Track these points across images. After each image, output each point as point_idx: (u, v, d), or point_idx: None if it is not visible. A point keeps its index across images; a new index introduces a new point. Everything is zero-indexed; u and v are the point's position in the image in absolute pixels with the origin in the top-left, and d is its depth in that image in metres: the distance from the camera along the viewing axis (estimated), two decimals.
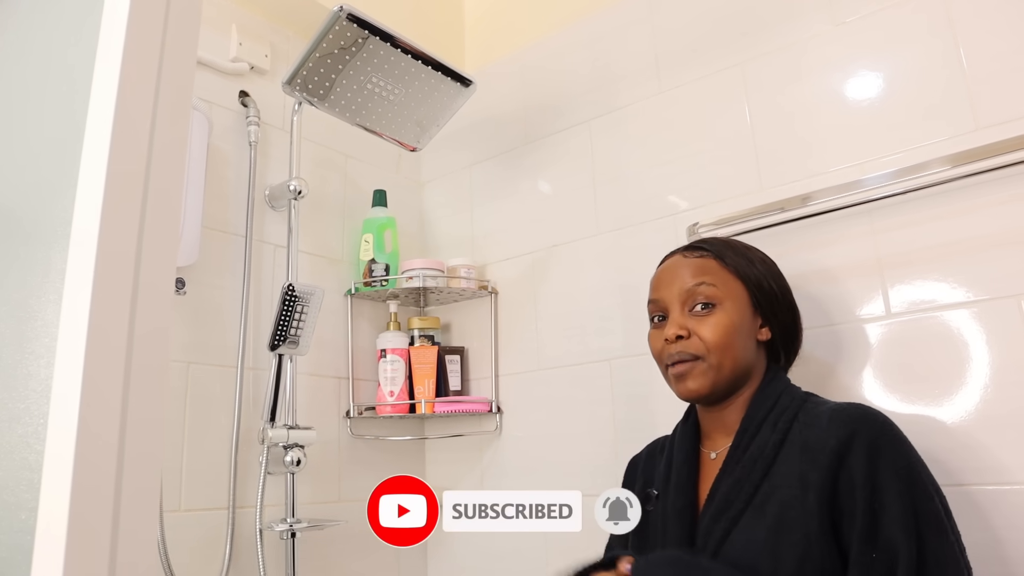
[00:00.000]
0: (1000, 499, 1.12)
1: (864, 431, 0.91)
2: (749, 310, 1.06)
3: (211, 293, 1.49)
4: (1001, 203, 1.19)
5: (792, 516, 0.91)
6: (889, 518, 0.87)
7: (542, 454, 1.69)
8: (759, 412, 1.02)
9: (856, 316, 1.29)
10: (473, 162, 1.97)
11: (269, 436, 1.43)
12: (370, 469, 1.76)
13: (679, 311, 1.07)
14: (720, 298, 1.05)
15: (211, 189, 1.51)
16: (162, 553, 1.26)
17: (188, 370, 1.43)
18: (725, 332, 1.03)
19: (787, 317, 1.08)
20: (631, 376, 1.57)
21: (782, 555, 0.90)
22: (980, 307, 1.19)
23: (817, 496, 0.90)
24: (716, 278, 1.07)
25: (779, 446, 0.97)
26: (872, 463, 0.89)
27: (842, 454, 0.91)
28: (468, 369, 1.87)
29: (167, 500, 1.32)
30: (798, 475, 0.93)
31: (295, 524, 1.47)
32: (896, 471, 0.89)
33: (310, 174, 1.71)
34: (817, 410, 0.98)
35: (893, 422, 0.95)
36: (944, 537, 0.87)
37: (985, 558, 1.10)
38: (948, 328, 1.21)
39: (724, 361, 1.03)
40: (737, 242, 1.14)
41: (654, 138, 1.63)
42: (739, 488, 0.97)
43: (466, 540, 1.78)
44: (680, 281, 1.08)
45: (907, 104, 1.30)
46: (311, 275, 1.69)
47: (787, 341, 1.09)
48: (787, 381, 1.06)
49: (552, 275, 1.75)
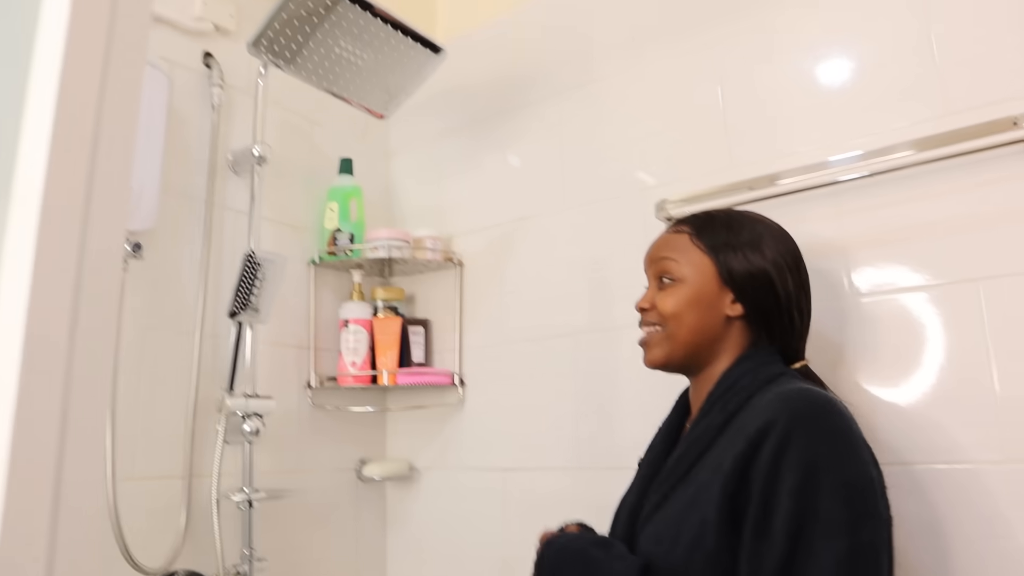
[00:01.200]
0: (943, 478, 1.15)
1: (784, 420, 0.87)
2: (713, 283, 1.06)
3: (170, 258, 1.46)
4: (967, 189, 1.20)
5: (701, 499, 0.91)
6: (778, 514, 0.84)
7: (504, 427, 1.69)
8: (718, 391, 1.02)
9: (818, 296, 1.30)
10: (442, 132, 1.94)
11: (227, 405, 1.41)
12: (331, 440, 1.74)
13: (652, 284, 1.13)
14: (681, 273, 1.07)
15: (171, 152, 1.46)
16: (115, 522, 1.24)
17: (144, 336, 1.39)
18: (678, 304, 1.06)
19: (763, 294, 1.05)
20: (595, 352, 1.57)
21: (682, 536, 0.90)
22: (941, 291, 1.20)
23: (723, 483, 0.89)
24: (681, 254, 1.09)
25: (721, 428, 0.98)
26: (780, 452, 0.86)
27: (757, 442, 0.88)
28: (432, 341, 1.86)
29: (121, 468, 1.30)
30: (719, 460, 0.93)
31: (253, 494, 1.46)
32: (799, 465, 0.84)
33: (275, 140, 1.67)
34: (770, 394, 0.95)
35: (832, 411, 0.90)
36: (829, 541, 0.82)
37: (923, 534, 1.15)
38: (909, 310, 1.22)
39: (678, 332, 1.06)
40: (731, 216, 1.11)
41: (626, 113, 1.62)
42: (678, 464, 1.00)
43: (424, 512, 1.79)
44: (653, 256, 1.13)
45: (879, 87, 1.31)
46: (274, 243, 1.66)
47: (763, 318, 1.07)
48: (762, 360, 1.04)
49: (519, 249, 1.74)
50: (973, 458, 1.14)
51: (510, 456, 1.67)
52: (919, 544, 1.15)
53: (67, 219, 0.49)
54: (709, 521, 0.88)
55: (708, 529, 0.88)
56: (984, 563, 1.10)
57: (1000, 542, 1.10)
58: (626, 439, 1.43)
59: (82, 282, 0.49)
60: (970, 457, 1.14)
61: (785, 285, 1.07)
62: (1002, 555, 1.09)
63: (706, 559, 0.87)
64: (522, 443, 1.65)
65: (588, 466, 1.54)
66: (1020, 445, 1.10)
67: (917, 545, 1.15)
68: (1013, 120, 1.11)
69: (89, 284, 0.50)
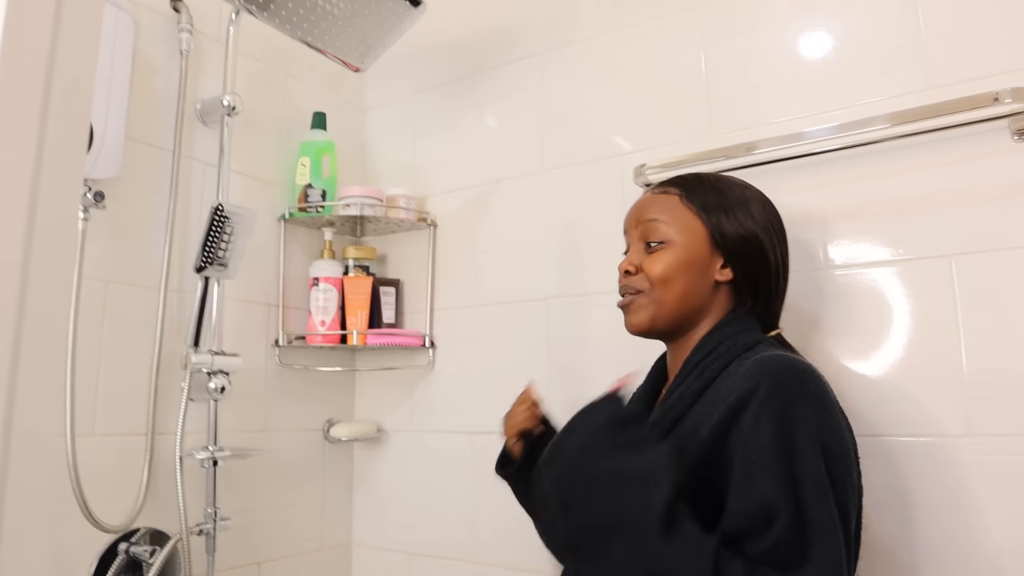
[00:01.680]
0: (912, 450, 1.17)
1: (766, 384, 0.86)
2: (705, 248, 1.03)
3: (134, 209, 1.41)
4: (945, 164, 1.20)
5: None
6: (758, 480, 0.82)
7: (474, 391, 1.68)
8: (697, 356, 1.00)
9: (794, 267, 1.30)
10: (419, 90, 1.90)
11: (192, 361, 1.38)
12: (298, 399, 1.72)
13: (636, 246, 1.08)
14: (671, 236, 1.03)
15: (137, 99, 1.41)
16: (73, 479, 1.21)
17: (106, 289, 1.35)
18: (668, 267, 1.02)
19: (755, 258, 1.04)
20: (567, 317, 1.56)
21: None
22: (914, 265, 1.21)
23: (700, 450, 0.88)
24: (670, 216, 1.05)
25: (697, 395, 0.97)
26: (761, 418, 0.84)
27: (737, 409, 0.87)
28: (403, 302, 1.83)
29: (80, 424, 1.27)
30: (695, 425, 0.92)
31: (217, 452, 1.44)
32: (779, 429, 0.83)
33: (246, 90, 1.62)
34: (748, 361, 0.94)
35: (812, 377, 0.89)
36: (814, 506, 0.80)
37: (891, 504, 1.16)
38: (881, 284, 1.23)
39: (666, 296, 1.02)
40: (719, 179, 1.09)
41: (607, 76, 1.59)
42: (653, 431, 0.98)
43: (392, 475, 1.78)
44: (639, 217, 1.08)
45: (862, 59, 1.30)
46: (243, 197, 1.62)
47: (752, 283, 1.06)
48: (741, 327, 1.02)
49: (493, 211, 1.71)
50: (940, 431, 1.15)
51: (479, 420, 1.66)
52: (886, 513, 1.17)
53: (17, 159, 0.46)
54: (684, 487, 0.87)
55: (678, 496, 0.87)
56: (947, 533, 1.12)
57: (964, 515, 1.12)
58: None
59: (34, 229, 0.46)
60: (938, 430, 1.15)
61: (774, 249, 1.05)
62: (965, 526, 1.11)
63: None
64: (492, 407, 1.64)
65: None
66: (985, 419, 1.12)
67: (884, 514, 1.17)
68: (994, 96, 1.10)
69: (42, 231, 0.47)
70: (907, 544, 1.15)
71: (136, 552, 1.33)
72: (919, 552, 1.14)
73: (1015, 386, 1.11)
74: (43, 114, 0.47)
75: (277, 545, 1.63)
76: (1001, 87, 1.10)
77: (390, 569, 1.75)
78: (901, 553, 1.16)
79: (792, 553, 0.79)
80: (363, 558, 1.80)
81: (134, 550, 1.33)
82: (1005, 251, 1.14)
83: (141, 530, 1.36)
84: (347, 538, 1.81)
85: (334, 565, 1.77)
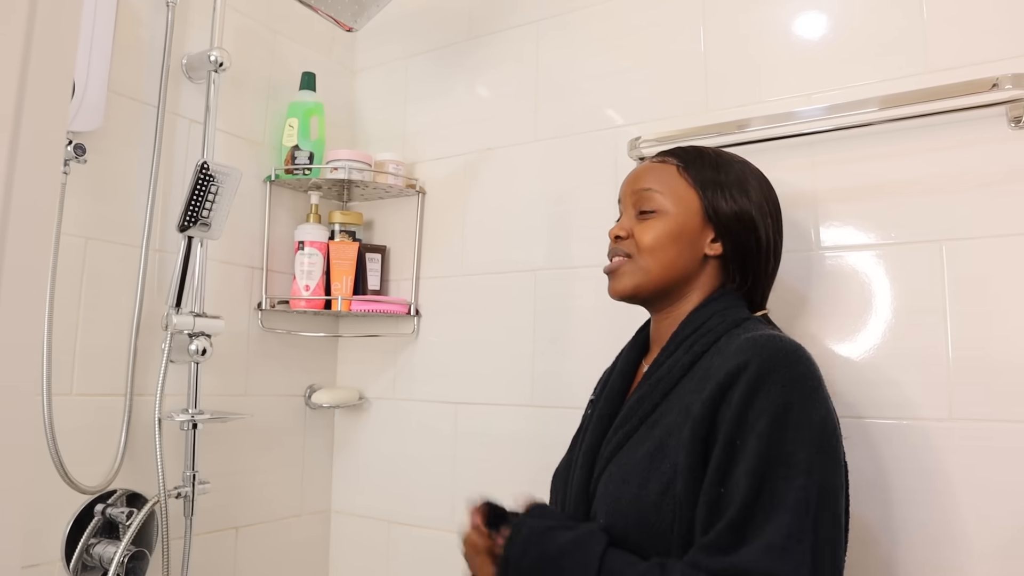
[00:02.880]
0: (892, 432, 1.18)
1: (756, 363, 0.86)
2: (697, 220, 1.03)
3: (116, 164, 1.38)
4: (941, 149, 1.19)
5: (670, 444, 0.90)
6: (743, 455, 0.83)
7: (458, 361, 1.67)
8: (685, 330, 1.00)
9: (786, 247, 1.30)
10: (411, 54, 1.86)
11: (173, 322, 1.36)
12: (280, 364, 1.70)
13: (629, 213, 1.08)
14: (664, 206, 1.03)
15: (121, 51, 1.37)
16: (49, 438, 1.19)
17: (86, 246, 1.32)
18: (658, 236, 1.02)
19: (746, 236, 1.03)
20: (554, 288, 1.55)
21: (651, 480, 0.89)
22: (905, 249, 1.20)
23: (692, 428, 0.87)
24: (666, 186, 1.05)
25: (686, 369, 0.97)
26: (749, 396, 0.85)
27: (727, 386, 0.87)
28: (388, 269, 1.81)
29: (57, 383, 1.24)
30: (687, 403, 0.92)
31: (197, 415, 1.42)
32: (767, 408, 0.83)
33: (234, 47, 1.57)
34: (739, 338, 0.94)
35: (801, 357, 0.89)
36: (792, 480, 0.81)
37: (869, 486, 1.18)
38: (872, 267, 1.23)
39: (652, 265, 1.02)
40: (719, 154, 1.08)
41: (604, 47, 1.56)
42: (640, 404, 0.98)
43: (373, 442, 1.77)
44: (635, 185, 1.08)
45: (863, 40, 1.28)
46: (228, 156, 1.58)
47: (742, 260, 1.05)
48: (730, 303, 1.02)
49: (483, 179, 1.69)
50: (923, 415, 1.16)
51: (463, 390, 1.65)
52: (864, 495, 1.17)
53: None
54: (680, 466, 0.87)
55: (678, 475, 0.87)
56: (927, 515, 1.13)
57: (939, 498, 1.13)
58: (581, 379, 1.42)
59: (13, 180, 0.44)
60: (920, 414, 1.16)
61: (767, 229, 1.05)
62: (944, 509, 1.13)
63: (676, 503, 0.86)
64: (476, 378, 1.64)
65: (542, 404, 1.53)
66: (968, 404, 1.13)
67: (863, 495, 1.17)
68: (993, 81, 1.09)
69: (22, 183, 0.45)
70: (887, 526, 1.16)
71: (113, 514, 1.31)
72: (898, 534, 1.15)
73: (999, 372, 1.11)
74: (24, 63, 0.44)
75: (256, 510, 1.63)
76: (1002, 73, 1.09)
77: (369, 536, 1.75)
78: (878, 533, 1.17)
79: (736, 537, 0.80)
80: (342, 525, 1.80)
81: (111, 512, 1.32)
82: (997, 238, 1.14)
83: (118, 492, 1.35)
84: (326, 505, 1.81)
85: (313, 531, 1.77)
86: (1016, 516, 1.08)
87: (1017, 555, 1.07)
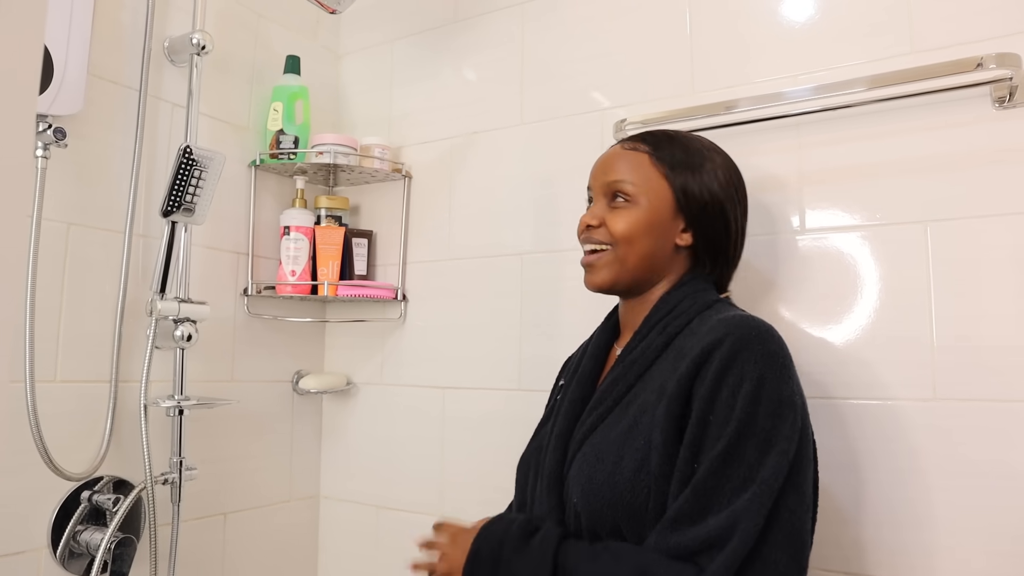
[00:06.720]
0: (863, 412, 1.19)
1: (729, 341, 0.88)
2: (669, 211, 1.03)
3: (97, 149, 1.36)
4: (926, 129, 1.19)
5: (644, 422, 0.91)
6: (715, 429, 0.84)
7: (445, 345, 1.67)
8: (658, 313, 1.02)
9: (770, 229, 1.30)
10: (396, 37, 1.84)
11: (158, 308, 1.35)
12: (266, 350, 1.70)
13: (601, 201, 1.08)
14: (637, 195, 1.03)
15: (101, 32, 1.35)
16: (33, 425, 1.18)
17: (68, 232, 1.31)
18: (631, 226, 1.02)
19: (715, 225, 1.05)
20: (541, 272, 1.55)
21: (625, 458, 0.90)
22: (890, 230, 1.21)
23: (667, 406, 0.89)
24: (638, 175, 1.04)
25: (660, 350, 0.98)
26: (723, 372, 0.86)
27: (700, 363, 0.88)
28: (375, 254, 1.80)
29: (40, 370, 1.23)
30: (661, 382, 0.93)
31: (183, 401, 1.41)
32: (739, 385, 0.85)
33: (217, 30, 1.56)
34: (711, 319, 0.96)
35: (773, 336, 0.90)
36: (763, 455, 0.83)
37: (839, 465, 1.19)
38: (857, 247, 1.23)
39: (628, 255, 1.03)
40: (689, 139, 1.08)
41: (590, 29, 1.55)
42: (614, 386, 0.99)
43: (361, 427, 1.77)
44: (606, 172, 1.08)
45: (849, 20, 1.28)
46: (212, 140, 1.57)
47: (711, 249, 1.06)
48: (700, 287, 1.04)
49: (470, 163, 1.68)
50: (906, 395, 1.16)
51: (450, 375, 1.65)
52: (835, 475, 1.19)
53: None
54: (654, 443, 0.88)
55: (652, 451, 0.88)
56: (906, 494, 1.15)
57: (913, 476, 1.14)
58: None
59: None
60: (903, 394, 1.17)
61: (736, 218, 1.07)
62: (927, 488, 1.14)
63: (650, 479, 0.87)
64: (463, 362, 1.64)
65: (529, 387, 1.53)
66: (952, 384, 1.14)
67: (840, 475, 1.19)
68: (977, 61, 1.08)
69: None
70: (861, 506, 1.18)
71: (99, 500, 1.31)
72: (872, 513, 1.17)
73: (982, 352, 1.12)
74: None
75: (244, 496, 1.62)
76: (987, 52, 1.08)
77: (357, 522, 1.75)
78: (851, 512, 1.18)
79: (702, 506, 0.82)
80: (330, 510, 1.80)
81: (97, 498, 1.31)
82: (981, 218, 1.14)
83: (104, 478, 1.34)
84: (315, 490, 1.81)
85: (301, 517, 1.77)
86: (997, 492, 1.09)
87: (993, 530, 1.08)
